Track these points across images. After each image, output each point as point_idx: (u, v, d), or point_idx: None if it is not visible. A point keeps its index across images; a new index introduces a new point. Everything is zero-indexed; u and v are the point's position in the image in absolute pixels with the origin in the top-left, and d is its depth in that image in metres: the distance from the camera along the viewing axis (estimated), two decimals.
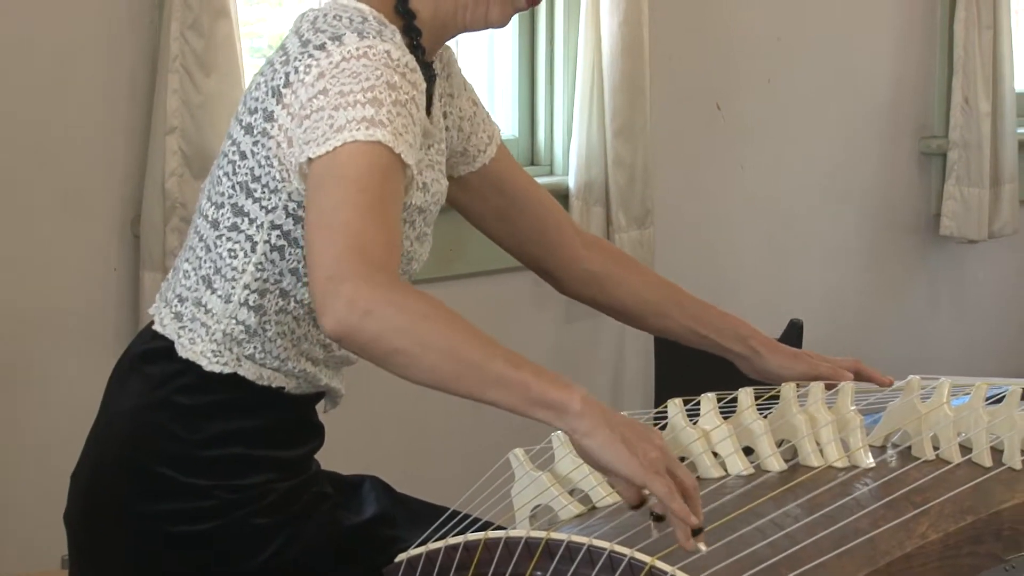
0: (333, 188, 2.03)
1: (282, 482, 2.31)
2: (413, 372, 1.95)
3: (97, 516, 2.34)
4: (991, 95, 4.87)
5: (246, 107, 2.23)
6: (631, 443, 1.91)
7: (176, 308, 2.28)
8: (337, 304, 1.94)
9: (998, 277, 5.19)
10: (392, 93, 2.09)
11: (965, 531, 2.26)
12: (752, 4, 4.58)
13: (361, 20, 2.19)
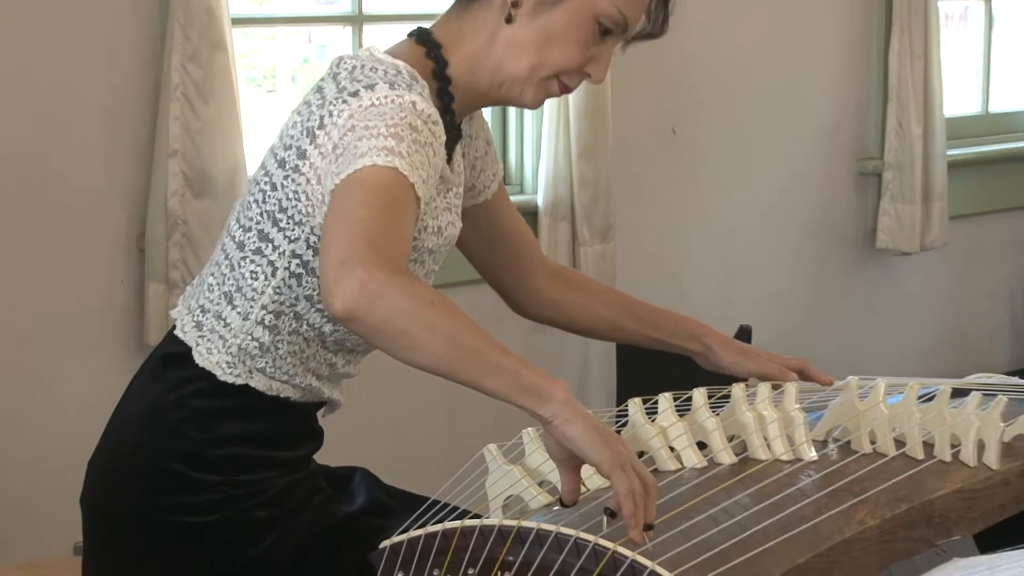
0: (352, 193, 2.01)
1: (282, 478, 2.30)
2: (417, 355, 1.93)
3: (111, 503, 2.33)
4: (922, 120, 4.88)
5: (282, 142, 2.21)
6: (605, 436, 1.91)
7: (198, 317, 2.28)
8: (350, 285, 1.90)
9: (929, 287, 5.20)
10: (413, 133, 2.07)
11: (900, 518, 2.26)
12: (705, 38, 4.58)
13: (395, 73, 2.18)
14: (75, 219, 3.59)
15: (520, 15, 2.24)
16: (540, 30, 2.24)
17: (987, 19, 5.42)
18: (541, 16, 2.24)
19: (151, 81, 3.62)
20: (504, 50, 2.25)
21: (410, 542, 1.98)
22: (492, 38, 2.26)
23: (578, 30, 2.24)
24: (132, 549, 2.32)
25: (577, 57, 2.26)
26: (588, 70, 2.28)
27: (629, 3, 2.24)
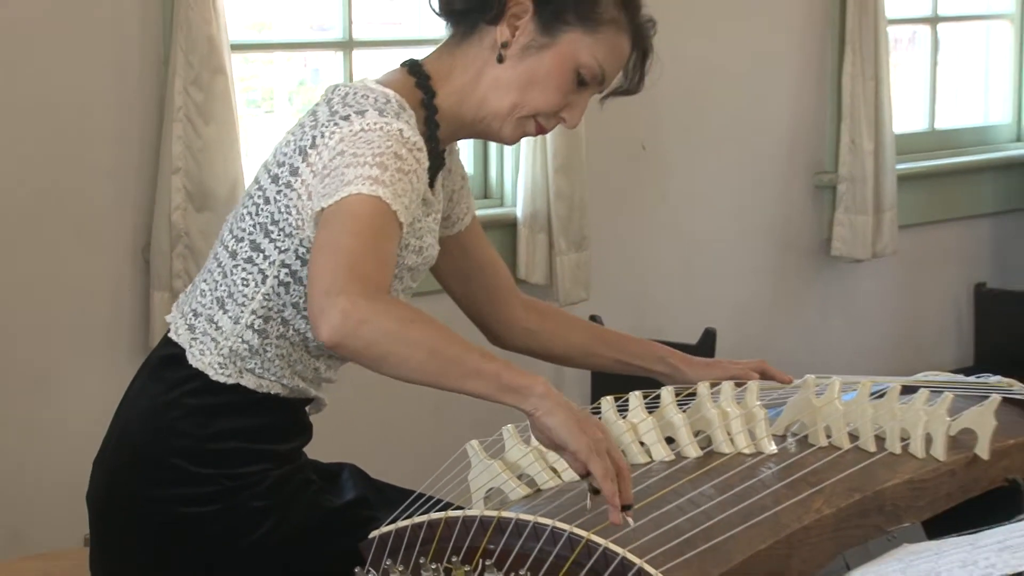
0: (337, 222, 2.04)
1: (275, 470, 2.30)
2: (403, 371, 1.96)
3: (116, 498, 2.33)
4: (873, 136, 4.89)
5: (275, 159, 2.23)
6: (583, 424, 1.93)
7: (191, 321, 2.28)
8: (333, 314, 1.93)
9: (880, 292, 5.21)
10: (397, 162, 2.09)
11: (854, 507, 2.26)
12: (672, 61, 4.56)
13: (385, 102, 2.18)
14: (85, 231, 3.59)
15: (509, 56, 2.25)
16: (524, 72, 2.26)
17: (933, 43, 5.43)
18: (527, 60, 2.26)
19: (156, 103, 3.62)
20: (489, 87, 2.27)
21: (398, 532, 1.98)
22: (480, 75, 2.27)
23: (559, 77, 2.26)
24: (136, 541, 2.31)
25: (555, 101, 2.28)
26: (564, 115, 2.30)
27: (608, 58, 2.28)
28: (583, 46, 2.25)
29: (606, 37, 2.27)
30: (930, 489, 2.41)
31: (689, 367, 2.60)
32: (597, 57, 2.26)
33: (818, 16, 4.92)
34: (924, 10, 5.38)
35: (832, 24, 4.93)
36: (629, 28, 2.30)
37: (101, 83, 3.59)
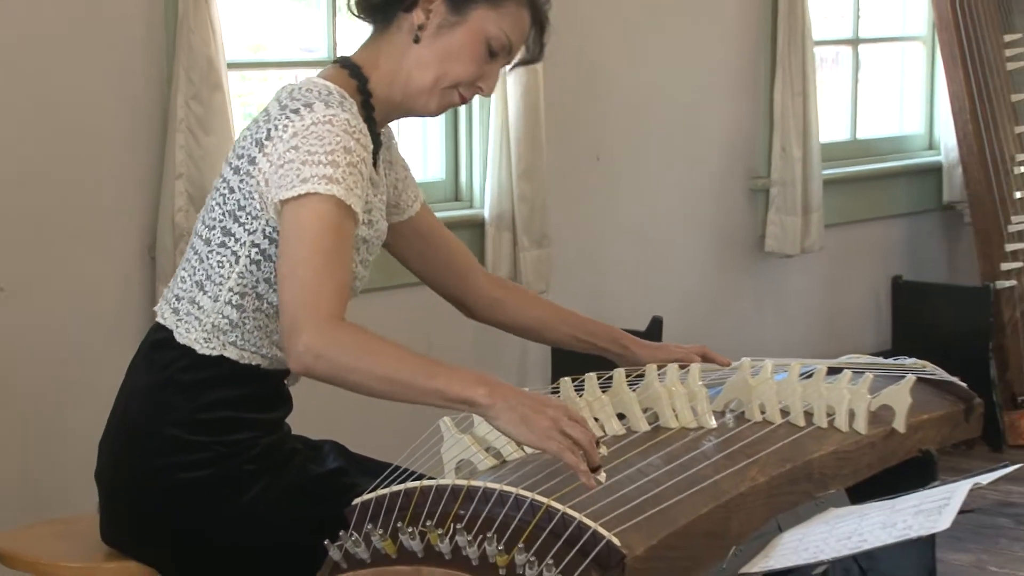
0: (296, 246, 2.11)
1: (263, 438, 2.31)
2: (363, 392, 2.08)
3: (121, 470, 2.33)
4: (802, 145, 4.90)
5: (235, 153, 2.26)
6: (527, 418, 2.01)
7: (174, 305, 2.30)
8: (297, 350, 2.04)
9: (808, 283, 5.22)
10: (347, 156, 2.14)
11: (785, 475, 2.27)
12: (622, 78, 4.58)
13: (327, 93, 2.22)
14: (97, 231, 3.57)
15: (425, 36, 2.28)
16: (441, 49, 2.29)
17: (854, 62, 5.45)
18: (442, 37, 2.28)
19: (160, 116, 3.60)
20: (413, 66, 2.29)
21: (378, 499, 1.98)
22: (403, 58, 2.30)
23: (472, 49, 2.29)
24: (141, 508, 2.31)
25: (472, 71, 2.30)
26: (480, 84, 2.32)
27: (513, 30, 2.30)
28: (490, 20, 2.28)
29: (509, 11, 2.29)
30: (853, 459, 2.42)
31: (639, 348, 2.61)
32: (504, 29, 2.29)
33: (752, 38, 4.92)
34: (846, 32, 5.40)
35: (764, 45, 4.93)
36: (527, 2, 2.31)
37: (112, 98, 3.56)
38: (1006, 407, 5.18)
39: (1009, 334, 5.22)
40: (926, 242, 5.54)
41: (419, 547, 1.87)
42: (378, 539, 1.89)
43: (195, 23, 3.53)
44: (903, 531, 2.08)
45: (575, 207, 4.46)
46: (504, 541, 1.84)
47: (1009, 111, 5.27)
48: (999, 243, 5.22)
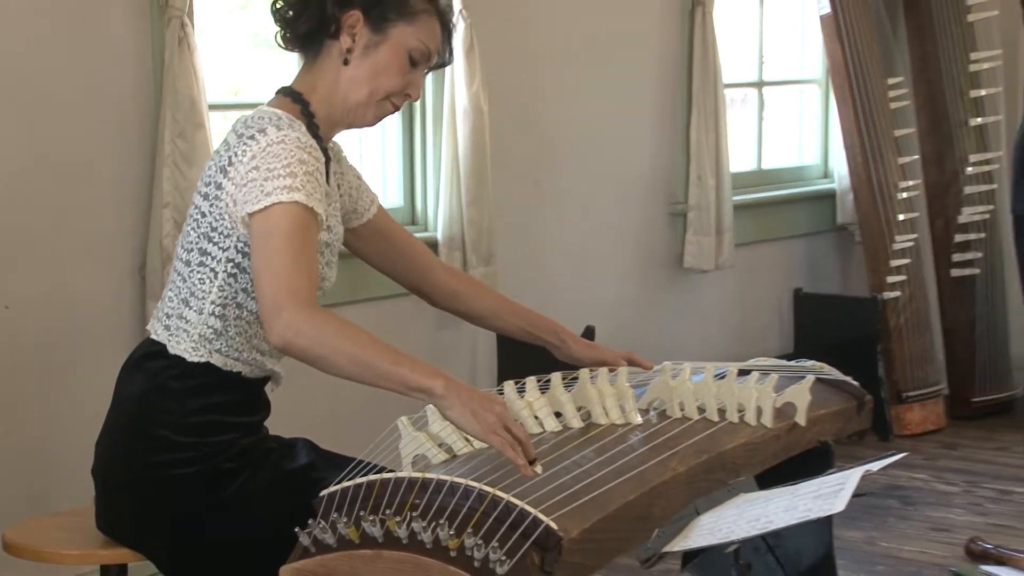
0: (269, 241, 2.11)
1: (243, 439, 2.30)
2: (331, 370, 2.06)
3: (115, 467, 2.31)
4: (715, 175, 4.92)
5: (203, 182, 2.27)
6: (476, 412, 2.03)
7: (165, 322, 2.29)
8: (278, 326, 2.04)
9: (721, 295, 5.24)
10: (303, 167, 2.16)
11: (702, 465, 2.27)
12: (559, 115, 4.59)
13: (277, 119, 2.24)
14: (93, 252, 3.53)
15: (353, 58, 2.30)
16: (370, 67, 2.30)
17: (759, 102, 5.48)
18: (369, 57, 2.30)
19: (149, 151, 3.57)
20: (347, 86, 2.31)
21: (343, 491, 1.97)
22: (336, 79, 2.31)
23: (397, 62, 2.31)
24: (134, 501, 2.30)
25: (399, 82, 2.31)
26: (409, 91, 2.34)
27: (429, 38, 2.32)
28: (408, 34, 2.30)
29: (423, 23, 2.32)
30: (761, 450, 2.43)
31: (574, 343, 2.63)
32: (421, 39, 2.31)
33: (671, 82, 4.94)
34: (752, 77, 5.42)
35: (682, 88, 4.95)
36: (436, 12, 2.33)
37: (106, 134, 3.54)
38: (892, 402, 5.22)
39: (894, 339, 5.26)
40: (822, 259, 5.57)
41: (379, 533, 1.86)
42: (343, 526, 1.88)
43: (180, 69, 3.51)
44: (804, 513, 2.09)
45: (517, 229, 4.46)
46: (455, 527, 1.83)
47: (892, 145, 5.31)
48: (885, 259, 5.27)
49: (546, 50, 4.52)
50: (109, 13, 3.51)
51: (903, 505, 4.42)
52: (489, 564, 1.79)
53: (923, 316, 5.36)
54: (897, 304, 5.26)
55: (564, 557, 1.85)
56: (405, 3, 2.29)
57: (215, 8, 3.93)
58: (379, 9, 2.28)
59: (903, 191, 5.31)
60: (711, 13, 4.85)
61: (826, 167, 5.64)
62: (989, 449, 5.04)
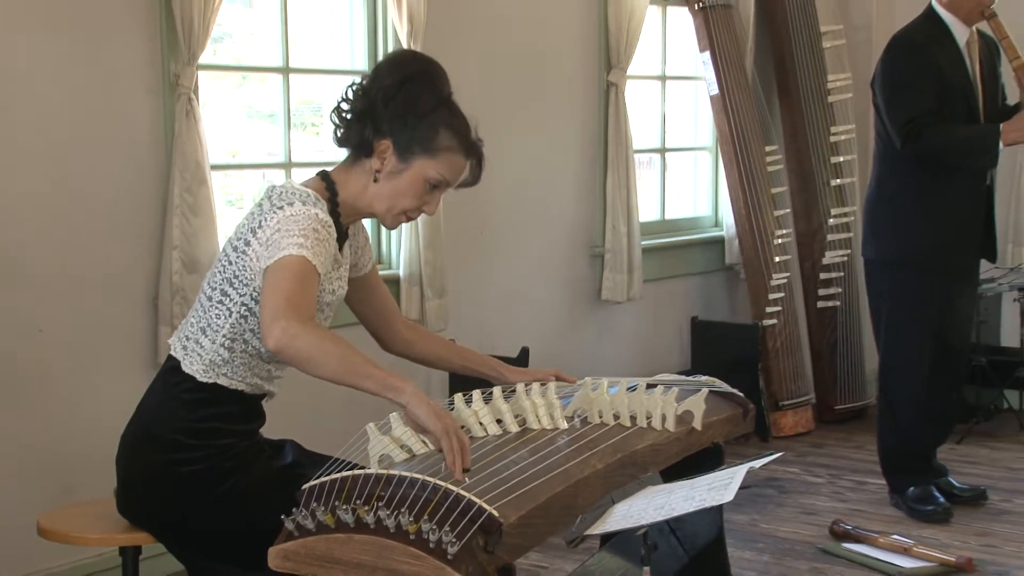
0: (278, 273, 2.09)
1: (241, 443, 2.28)
2: (320, 372, 2.02)
3: (135, 463, 2.29)
4: (627, 223, 4.94)
5: (237, 236, 2.24)
6: (438, 415, 2.01)
7: (184, 343, 2.27)
8: (276, 330, 2.00)
9: (633, 322, 5.25)
10: (315, 234, 2.14)
11: (616, 462, 2.27)
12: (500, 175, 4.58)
13: (305, 196, 2.21)
14: (114, 286, 3.50)
15: (381, 178, 2.27)
16: (392, 188, 2.28)
17: (662, 164, 5.51)
18: (393, 179, 2.27)
19: (161, 202, 3.55)
20: (372, 197, 2.29)
21: (321, 485, 1.95)
22: (365, 188, 2.29)
23: (414, 188, 2.28)
24: (149, 492, 2.28)
25: (415, 204, 2.29)
26: (424, 209, 2.31)
27: (448, 171, 2.29)
28: (429, 167, 2.27)
29: (445, 158, 2.28)
30: (664, 450, 2.43)
31: (509, 372, 2.61)
32: (440, 172, 2.28)
33: (591, 148, 4.96)
34: (656, 144, 5.46)
35: (599, 153, 4.97)
36: (463, 148, 2.30)
37: (127, 188, 3.51)
38: (770, 410, 5.25)
39: (772, 358, 5.30)
40: (714, 292, 5.61)
41: (351, 519, 1.85)
42: (321, 514, 1.87)
43: (187, 136, 3.49)
44: (700, 502, 2.09)
45: (465, 268, 4.46)
46: (414, 514, 1.83)
47: (769, 200, 5.37)
48: (764, 293, 5.31)
49: (490, 122, 4.50)
50: (131, 90, 3.50)
51: (779, 494, 4.44)
52: (442, 545, 1.78)
53: (795, 339, 5.40)
54: (774, 330, 5.30)
55: (504, 539, 1.85)
56: (431, 140, 2.24)
57: (217, 86, 3.91)
58: (407, 143, 2.24)
59: (778, 238, 5.36)
60: (623, 93, 4.89)
61: (716, 217, 5.68)
62: (848, 448, 5.08)
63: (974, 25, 3.96)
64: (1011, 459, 4.84)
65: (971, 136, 3.91)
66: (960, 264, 4.09)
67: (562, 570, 3.62)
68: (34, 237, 3.33)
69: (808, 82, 5.49)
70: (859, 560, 3.72)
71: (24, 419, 3.34)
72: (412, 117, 2.23)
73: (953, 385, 4.25)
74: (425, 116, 2.24)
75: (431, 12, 4.04)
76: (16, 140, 3.29)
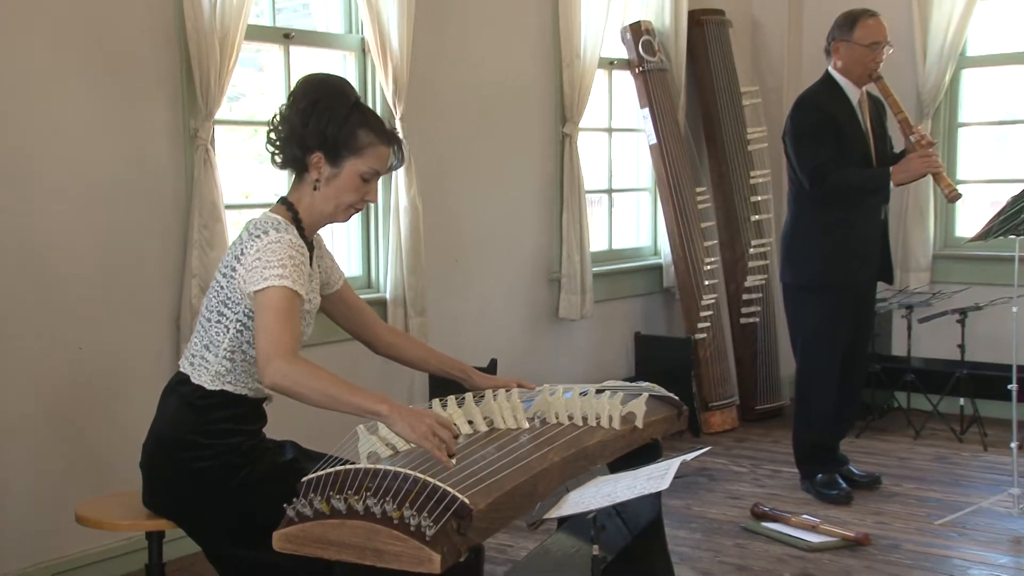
0: (265, 312, 2.08)
1: (247, 442, 2.27)
2: (307, 403, 2.05)
3: (156, 461, 2.27)
4: (579, 252, 4.94)
5: (224, 263, 2.24)
6: (413, 425, 2.02)
7: (191, 360, 2.25)
8: (269, 372, 2.02)
9: (585, 336, 5.25)
10: (292, 260, 2.13)
11: (571, 456, 2.27)
12: (471, 211, 4.60)
13: (276, 223, 2.21)
14: (141, 309, 3.47)
15: (321, 186, 2.26)
16: (332, 190, 2.26)
17: (610, 203, 5.52)
18: (331, 184, 2.26)
19: (182, 237, 3.53)
20: (320, 203, 2.27)
21: (317, 478, 1.94)
22: (312, 198, 2.28)
23: (352, 184, 2.26)
24: (170, 486, 2.26)
25: (356, 197, 2.28)
26: (367, 199, 2.29)
27: (376, 162, 2.26)
28: (358, 163, 2.25)
29: (370, 152, 2.26)
30: (611, 445, 2.43)
31: (478, 377, 2.59)
32: (369, 165, 2.26)
33: (549, 189, 4.96)
34: (604, 185, 5.46)
35: (556, 193, 4.98)
36: (382, 139, 2.27)
37: (152, 225, 3.49)
38: (701, 410, 5.26)
39: (703, 366, 5.31)
40: (653, 311, 5.63)
41: (344, 507, 1.84)
42: (318, 503, 1.86)
43: (204, 181, 3.48)
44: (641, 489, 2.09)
45: (442, 291, 4.45)
46: (397, 502, 1.81)
47: (700, 233, 5.39)
48: (696, 312, 5.33)
49: (463, 167, 4.54)
50: (158, 142, 3.49)
51: (709, 481, 4.44)
52: (421, 529, 1.77)
53: (722, 350, 5.42)
54: (704, 342, 5.32)
55: (474, 523, 1.84)
56: (354, 142, 2.23)
57: (231, 137, 3.90)
58: (334, 150, 2.23)
59: (707, 264, 5.38)
60: (576, 142, 4.91)
61: (655, 247, 5.70)
62: (767, 442, 5.09)
63: (864, 87, 4.03)
64: (901, 450, 4.87)
65: (866, 178, 3.96)
66: (862, 286, 4.15)
67: (525, 548, 3.61)
68: (75, 267, 3.31)
69: (731, 134, 5.53)
70: (775, 536, 3.73)
71: (65, 424, 3.31)
72: (331, 128, 2.21)
73: (855, 388, 4.29)
74: (343, 124, 2.22)
75: (412, 75, 4.07)
76: (62, 185, 3.27)
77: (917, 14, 5.43)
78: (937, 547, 3.63)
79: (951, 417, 5.15)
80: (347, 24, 4.09)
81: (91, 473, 3.35)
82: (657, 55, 5.25)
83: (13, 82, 3.15)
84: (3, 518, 3.17)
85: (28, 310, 3.21)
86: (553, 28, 4.84)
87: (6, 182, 3.15)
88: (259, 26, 3.81)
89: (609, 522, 2.66)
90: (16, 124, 3.16)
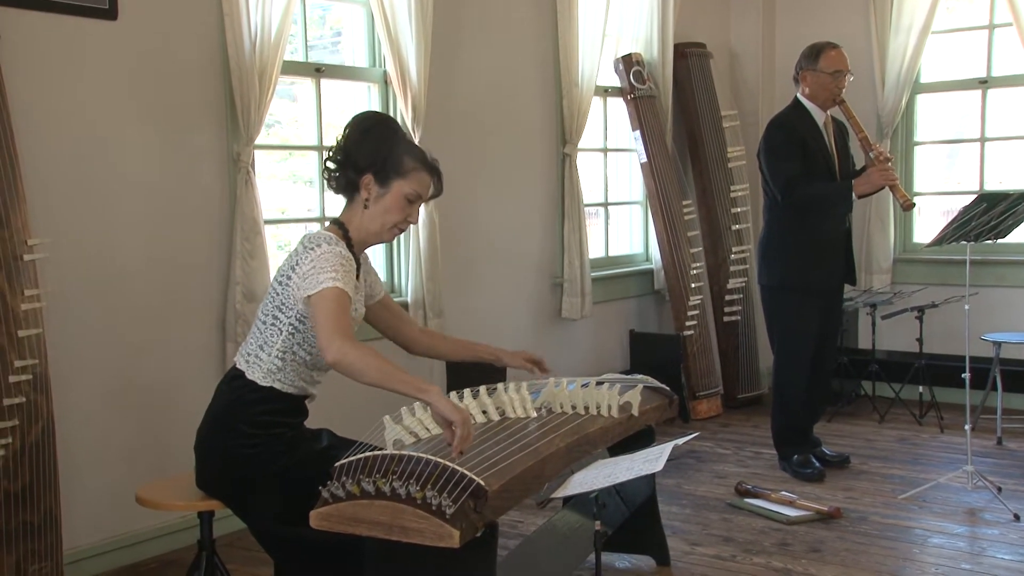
0: (325, 303, 2.06)
1: (290, 432, 2.25)
2: (365, 379, 1.99)
3: (209, 447, 2.26)
4: (580, 258, 4.93)
5: (280, 273, 2.22)
6: (457, 407, 2.00)
7: (247, 358, 2.24)
8: (333, 348, 1.99)
9: (586, 334, 5.23)
10: (343, 268, 2.12)
11: (575, 442, 2.27)
12: (483, 223, 4.59)
13: (328, 238, 2.19)
14: (190, 313, 3.47)
15: (370, 205, 2.25)
16: (379, 210, 2.26)
17: (606, 215, 5.51)
18: (379, 203, 2.25)
19: (227, 249, 3.52)
20: (368, 222, 2.27)
21: (350, 463, 1.94)
22: (361, 218, 2.27)
23: (397, 205, 2.26)
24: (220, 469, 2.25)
25: (401, 217, 2.27)
26: (410, 220, 2.29)
27: (419, 186, 2.26)
28: (404, 185, 2.25)
29: (414, 177, 2.26)
30: (611, 431, 2.43)
31: (504, 355, 2.55)
32: (414, 188, 2.26)
33: (552, 202, 4.96)
34: (600, 199, 5.47)
35: (557, 205, 4.97)
36: (425, 167, 2.28)
37: (201, 239, 3.49)
38: (690, 399, 5.25)
39: (691, 360, 5.29)
40: (646, 311, 5.61)
41: (372, 489, 1.83)
42: (350, 485, 1.85)
43: (245, 199, 3.47)
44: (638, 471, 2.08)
45: (457, 295, 4.44)
46: (420, 484, 1.81)
47: (687, 241, 5.38)
48: (684, 312, 5.31)
49: (474, 184, 4.53)
50: (204, 165, 3.49)
51: (697, 462, 4.43)
52: (442, 508, 1.77)
53: (707, 345, 5.40)
54: (692, 338, 5.30)
55: (489, 502, 1.84)
56: (400, 166, 2.25)
57: (269, 159, 3.90)
58: (383, 172, 2.24)
59: (693, 269, 5.37)
60: (575, 161, 4.90)
61: (647, 254, 5.69)
62: (748, 427, 5.08)
63: (829, 110, 4.07)
64: (867, 433, 4.85)
65: (831, 190, 3.99)
66: (830, 287, 4.17)
67: (534, 524, 3.60)
68: (135, 278, 3.31)
69: (713, 153, 5.52)
70: (757, 511, 3.72)
71: (127, 415, 3.31)
72: (381, 152, 2.23)
73: (826, 378, 4.30)
74: (391, 149, 2.24)
75: (429, 103, 4.07)
76: (122, 205, 3.28)
77: (876, 46, 5.45)
78: (901, 519, 3.62)
79: (911, 403, 5.16)
80: (371, 58, 4.10)
81: (149, 461, 3.35)
82: (647, 83, 5.25)
83: (94, 116, 3.18)
84: (74, 499, 3.18)
85: (96, 314, 3.22)
86: (554, 59, 4.85)
87: (87, 200, 3.17)
88: (293, 61, 3.82)
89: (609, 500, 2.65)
90: (96, 151, 3.19)
